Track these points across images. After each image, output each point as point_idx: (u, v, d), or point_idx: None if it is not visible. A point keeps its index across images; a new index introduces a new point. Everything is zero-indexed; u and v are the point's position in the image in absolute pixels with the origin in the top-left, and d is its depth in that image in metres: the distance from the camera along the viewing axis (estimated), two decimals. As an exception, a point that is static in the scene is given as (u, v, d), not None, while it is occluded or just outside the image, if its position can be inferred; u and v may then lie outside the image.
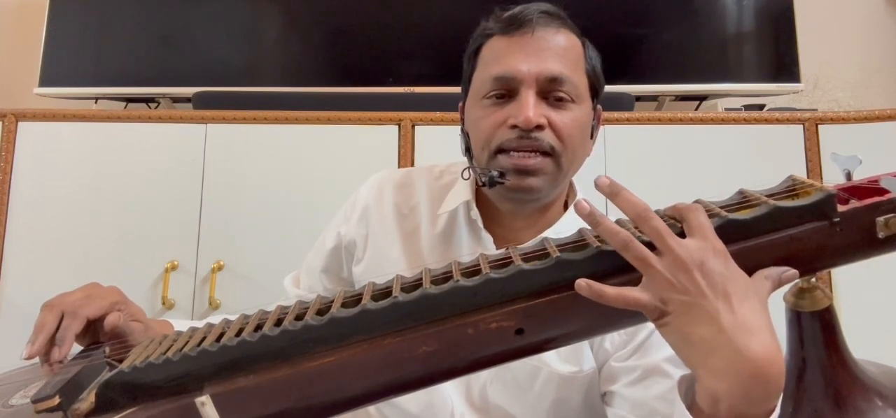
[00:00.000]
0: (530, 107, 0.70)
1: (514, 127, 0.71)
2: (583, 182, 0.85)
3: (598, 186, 0.50)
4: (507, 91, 0.73)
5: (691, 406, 0.48)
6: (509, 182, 0.71)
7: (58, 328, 0.64)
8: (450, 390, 0.76)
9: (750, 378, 0.44)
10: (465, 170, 0.79)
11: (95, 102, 1.70)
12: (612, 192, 0.49)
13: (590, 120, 0.77)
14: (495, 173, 0.71)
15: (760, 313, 0.45)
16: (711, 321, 0.45)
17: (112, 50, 1.68)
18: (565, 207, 0.82)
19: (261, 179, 1.38)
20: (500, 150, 0.72)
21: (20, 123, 1.41)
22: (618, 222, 0.52)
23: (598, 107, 0.81)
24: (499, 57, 0.74)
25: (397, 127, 1.37)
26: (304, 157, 1.38)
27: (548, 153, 0.71)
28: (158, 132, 1.41)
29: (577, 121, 0.73)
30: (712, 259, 0.46)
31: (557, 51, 0.73)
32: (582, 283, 0.46)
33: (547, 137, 0.71)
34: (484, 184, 0.73)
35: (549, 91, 0.72)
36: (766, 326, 0.45)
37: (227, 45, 1.68)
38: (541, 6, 0.75)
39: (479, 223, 0.78)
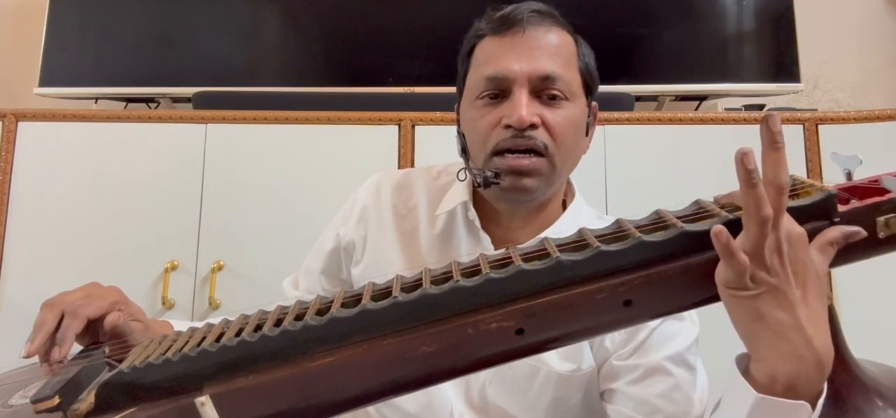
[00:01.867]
0: (523, 107, 0.70)
1: (508, 126, 0.71)
2: (583, 182, 0.85)
3: (767, 120, 0.46)
4: (500, 91, 0.73)
5: (745, 375, 0.49)
6: (505, 183, 0.71)
7: (57, 327, 0.64)
8: (449, 390, 0.76)
9: (811, 365, 0.46)
10: (460, 171, 0.79)
11: (95, 102, 1.70)
12: (773, 142, 0.46)
13: (584, 117, 0.77)
14: (490, 174, 0.71)
15: (823, 302, 0.48)
16: (790, 308, 0.46)
17: (112, 50, 1.68)
18: (564, 207, 0.82)
19: (261, 179, 1.38)
20: (497, 152, 0.72)
21: (20, 123, 1.41)
22: (618, 222, 0.52)
23: (594, 104, 0.81)
24: (491, 57, 0.74)
25: (397, 127, 1.37)
26: (304, 157, 1.38)
27: (542, 153, 0.71)
28: (158, 132, 1.41)
29: (571, 119, 0.74)
30: (797, 244, 0.46)
31: (549, 49, 0.73)
32: (719, 229, 0.45)
33: (541, 136, 0.71)
34: (479, 185, 0.73)
35: (542, 89, 0.72)
36: (825, 319, 0.48)
37: (227, 45, 1.68)
38: (532, 5, 0.76)
39: (477, 223, 0.78)
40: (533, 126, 0.71)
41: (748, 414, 0.48)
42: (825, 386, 0.48)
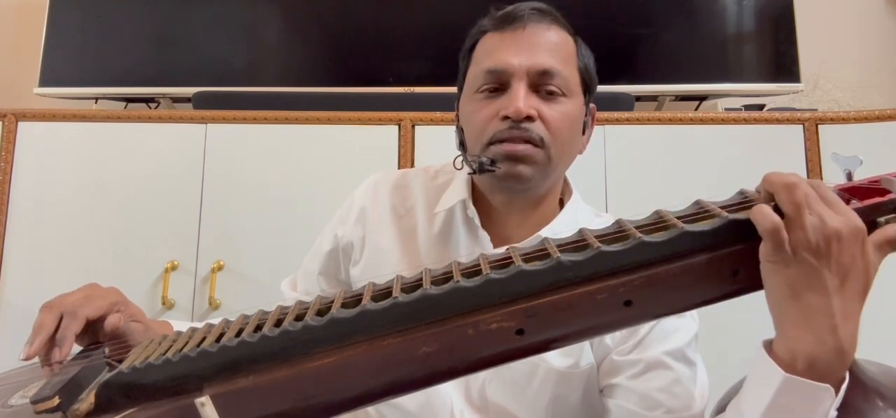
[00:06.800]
0: (520, 99, 0.71)
1: (505, 118, 0.72)
2: (583, 182, 0.85)
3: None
4: (499, 84, 0.74)
5: (769, 351, 0.51)
6: (500, 170, 0.72)
7: (57, 329, 0.64)
8: (449, 389, 0.76)
9: (831, 350, 0.48)
10: (456, 159, 0.80)
11: (95, 102, 1.70)
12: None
13: (581, 115, 0.78)
14: (486, 160, 0.72)
15: (861, 300, 0.49)
16: (824, 294, 0.47)
17: (112, 50, 1.68)
18: (561, 205, 0.82)
19: (261, 179, 1.38)
20: (493, 142, 0.73)
21: (20, 123, 1.41)
22: (618, 222, 0.52)
23: (592, 106, 0.82)
24: (491, 52, 0.76)
25: (397, 127, 1.37)
26: (304, 157, 1.38)
27: (538, 144, 0.72)
28: (158, 132, 1.41)
29: (568, 115, 0.74)
30: (850, 238, 0.47)
31: (548, 45, 0.74)
32: (759, 207, 0.48)
33: (537, 129, 0.72)
34: (474, 171, 0.74)
35: (540, 84, 0.73)
36: (859, 315, 0.49)
37: (227, 45, 1.68)
38: (533, 3, 0.77)
39: (476, 221, 0.79)
40: (530, 119, 0.72)
41: (775, 393, 0.49)
42: (847, 375, 0.49)
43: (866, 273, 0.48)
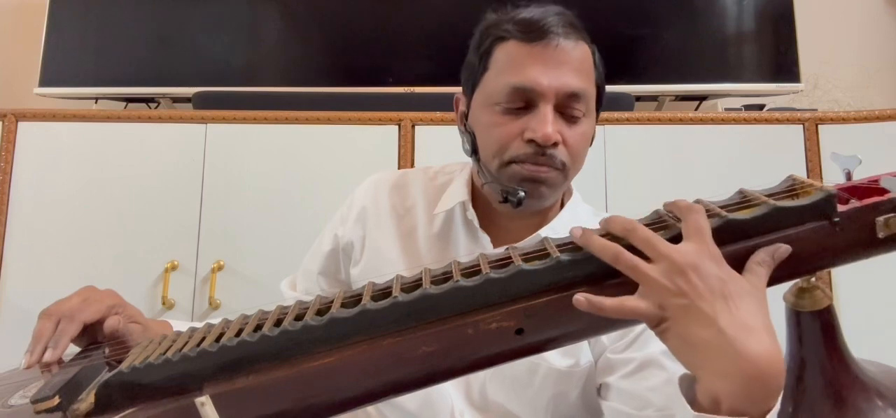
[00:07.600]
0: (549, 123, 0.69)
1: (530, 141, 0.70)
2: (583, 182, 0.85)
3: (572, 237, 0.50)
4: (524, 103, 0.71)
5: (692, 403, 0.48)
6: (522, 192, 0.71)
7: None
8: (449, 388, 0.76)
9: (751, 378, 0.44)
10: (484, 185, 0.77)
11: (95, 102, 1.70)
12: (585, 239, 0.49)
13: (593, 129, 0.77)
14: (523, 194, 0.71)
15: (758, 312, 0.46)
16: (710, 322, 0.45)
17: (112, 50, 1.68)
18: (561, 205, 0.82)
19: (261, 179, 1.38)
20: (513, 162, 0.71)
21: (20, 123, 1.41)
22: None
23: None
24: (518, 66, 0.71)
25: (397, 127, 1.37)
26: (304, 157, 1.38)
27: (559, 168, 0.72)
28: (158, 132, 1.41)
29: (587, 136, 0.75)
30: (708, 262, 0.46)
31: (577, 65, 0.71)
32: (580, 298, 0.46)
33: (560, 154, 0.71)
34: (505, 202, 0.72)
35: (566, 106, 0.71)
36: (764, 325, 0.46)
37: (227, 45, 1.68)
38: (557, 10, 0.73)
39: (476, 223, 0.78)
40: (554, 144, 0.70)
41: None
42: (777, 403, 0.45)
43: (740, 280, 0.46)
